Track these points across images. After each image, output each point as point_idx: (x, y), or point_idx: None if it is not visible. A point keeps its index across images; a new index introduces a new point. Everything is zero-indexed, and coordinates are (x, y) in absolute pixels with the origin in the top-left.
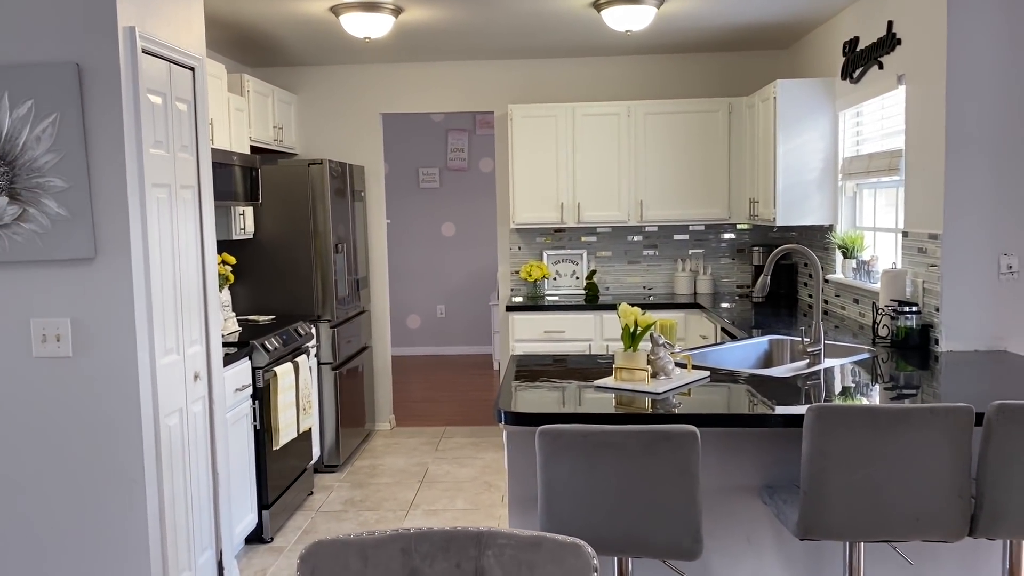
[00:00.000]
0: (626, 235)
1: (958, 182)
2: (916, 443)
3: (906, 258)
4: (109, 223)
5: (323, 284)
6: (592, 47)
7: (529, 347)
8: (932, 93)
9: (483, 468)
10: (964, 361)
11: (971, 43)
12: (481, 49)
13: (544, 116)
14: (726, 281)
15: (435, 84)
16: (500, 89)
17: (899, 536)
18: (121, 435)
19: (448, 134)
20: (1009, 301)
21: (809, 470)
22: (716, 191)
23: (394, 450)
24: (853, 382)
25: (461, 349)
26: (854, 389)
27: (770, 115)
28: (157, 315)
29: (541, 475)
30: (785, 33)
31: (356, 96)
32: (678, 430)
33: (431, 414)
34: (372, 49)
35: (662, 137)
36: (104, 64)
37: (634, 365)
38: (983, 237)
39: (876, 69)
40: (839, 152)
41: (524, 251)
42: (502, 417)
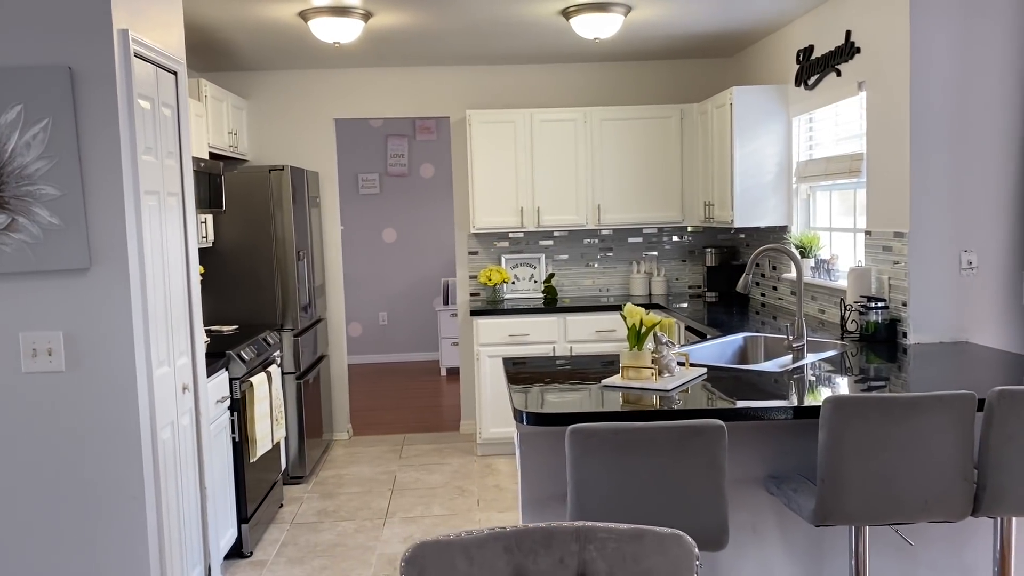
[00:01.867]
0: (582, 238)
1: (923, 183)
2: (925, 429)
3: (870, 256)
4: (104, 232)
5: (285, 293)
6: (548, 54)
7: (493, 351)
8: (895, 99)
9: (452, 474)
10: (932, 352)
11: (931, 51)
12: (439, 55)
13: (502, 122)
14: (679, 282)
15: (390, 89)
16: (456, 95)
17: (909, 518)
18: (119, 451)
19: (388, 140)
20: (970, 295)
21: (827, 459)
22: (670, 195)
23: (357, 459)
24: (842, 374)
25: (406, 356)
26: (848, 381)
27: (726, 120)
28: (152, 326)
29: (572, 473)
30: (734, 42)
31: (309, 101)
32: (707, 424)
33: (388, 422)
34: (327, 54)
35: (618, 143)
36: (98, 68)
37: (641, 363)
38: (945, 235)
39: (834, 76)
40: (793, 156)
41: (482, 256)
42: (524, 418)
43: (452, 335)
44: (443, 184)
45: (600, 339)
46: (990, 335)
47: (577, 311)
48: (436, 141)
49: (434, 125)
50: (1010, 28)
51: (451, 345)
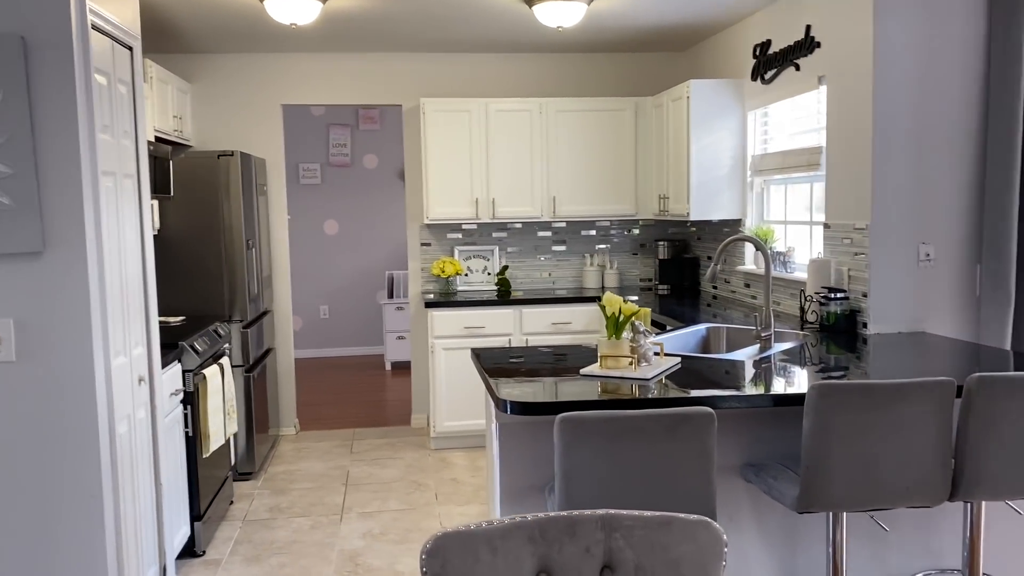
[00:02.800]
0: (536, 231)
1: (884, 177)
2: (907, 416)
3: (828, 248)
4: (60, 214)
5: (233, 283)
6: (504, 43)
7: (448, 344)
8: (856, 94)
9: (406, 468)
10: (893, 342)
11: (894, 48)
12: (393, 41)
13: (457, 111)
14: (631, 275)
15: (340, 75)
16: (409, 82)
17: (890, 504)
18: (76, 447)
19: (329, 129)
20: (927, 286)
21: (812, 445)
22: (623, 187)
23: (306, 455)
24: (811, 363)
25: (348, 350)
26: (818, 369)
27: (683, 114)
28: (109, 315)
29: (561, 462)
30: (689, 36)
31: (256, 86)
32: (697, 412)
33: (334, 417)
34: (276, 38)
35: (573, 134)
36: (54, 38)
37: (619, 352)
38: (905, 228)
39: (792, 71)
40: (748, 150)
41: (435, 247)
42: (508, 408)
43: (397, 329)
44: (387, 175)
45: (556, 331)
46: (945, 325)
47: (532, 303)
48: (380, 131)
49: (378, 114)
50: (970, 27)
51: (396, 339)
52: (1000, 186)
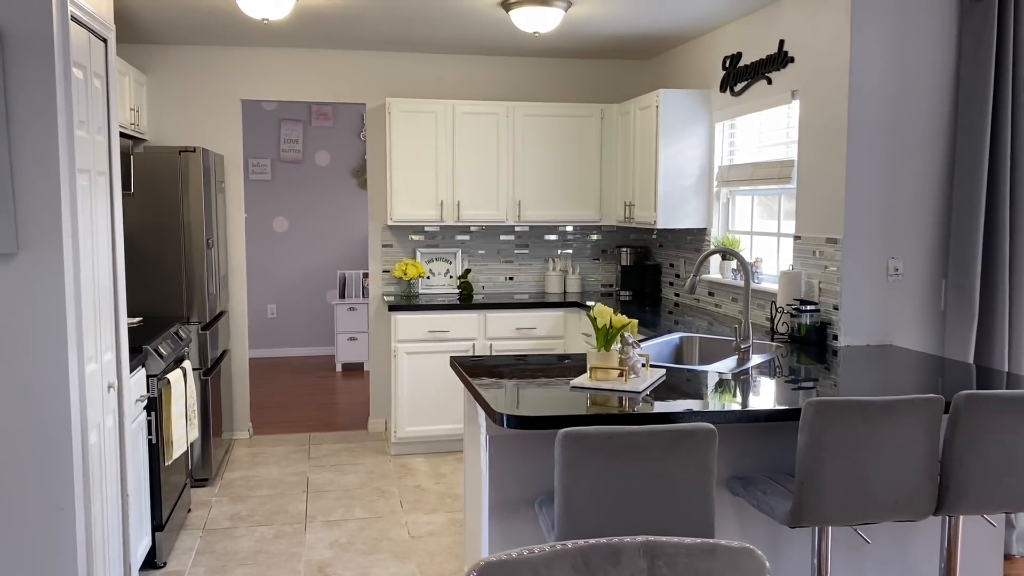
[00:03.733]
0: (499, 234)
1: (857, 191)
2: (898, 432)
3: (799, 260)
4: (35, 214)
5: (192, 283)
6: (471, 45)
7: (412, 347)
8: (830, 109)
9: (368, 475)
10: (863, 355)
11: (869, 65)
12: (359, 38)
13: (423, 112)
14: (592, 280)
15: (302, 71)
16: (373, 81)
17: (879, 518)
18: (47, 457)
19: (281, 124)
20: (895, 300)
21: (806, 461)
22: (588, 193)
23: (263, 460)
24: (791, 376)
25: (296, 351)
26: (799, 382)
27: (651, 122)
28: (84, 319)
29: (562, 478)
30: (656, 45)
31: (215, 80)
32: (699, 428)
33: (288, 421)
34: (236, 31)
35: (539, 139)
36: (33, 29)
37: (609, 364)
38: (876, 242)
39: (764, 84)
40: (714, 160)
41: (397, 249)
42: (504, 421)
43: (349, 330)
44: (340, 173)
45: (520, 336)
46: (910, 338)
47: (497, 308)
48: (333, 127)
49: (331, 111)
50: (940, 48)
51: (348, 340)
52: (966, 205)
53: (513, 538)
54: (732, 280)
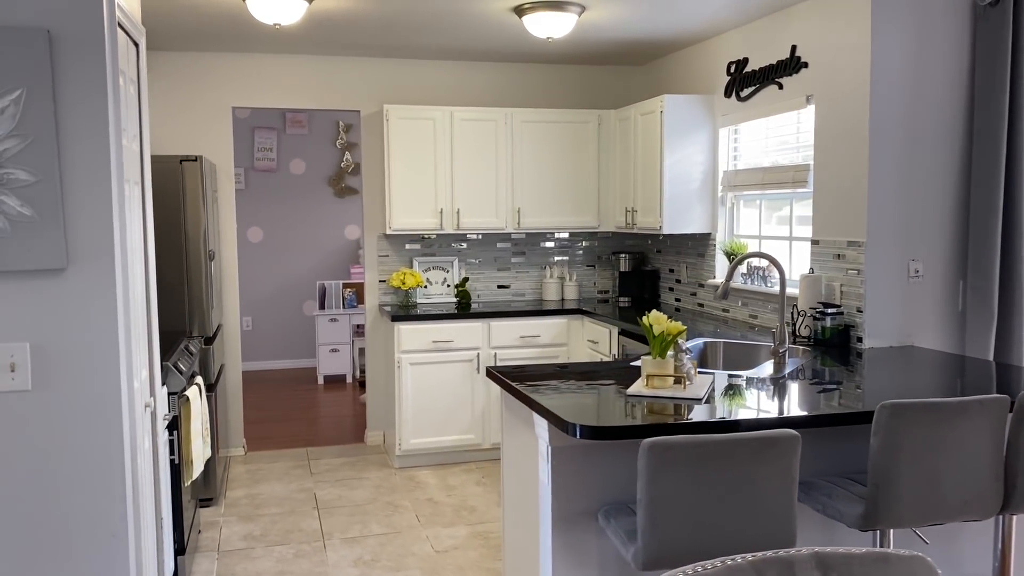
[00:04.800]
0: (495, 242)
1: (879, 195)
2: (968, 432)
3: (816, 263)
4: (86, 226)
5: (195, 297)
6: (468, 51)
7: (416, 358)
8: (850, 113)
9: (376, 489)
10: (890, 356)
11: (889, 70)
12: (353, 45)
13: (421, 118)
14: (589, 287)
15: (295, 78)
16: (367, 88)
17: (949, 518)
18: (97, 483)
19: (255, 132)
20: (916, 301)
21: (881, 464)
22: (587, 199)
23: (264, 477)
24: (834, 380)
25: (274, 364)
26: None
27: (655, 127)
28: (132, 336)
29: (647, 489)
30: (652, 51)
31: (205, 87)
32: (784, 435)
33: (280, 436)
34: (228, 36)
35: (537, 146)
36: (84, 31)
37: (666, 372)
38: (897, 244)
39: (775, 89)
40: (718, 165)
41: (393, 258)
42: (578, 432)
43: (331, 341)
44: (315, 181)
45: (524, 344)
46: (930, 338)
47: (500, 316)
48: (308, 135)
49: (306, 119)
50: (955, 51)
51: (330, 352)
52: (984, 207)
53: (577, 551)
54: (742, 284)
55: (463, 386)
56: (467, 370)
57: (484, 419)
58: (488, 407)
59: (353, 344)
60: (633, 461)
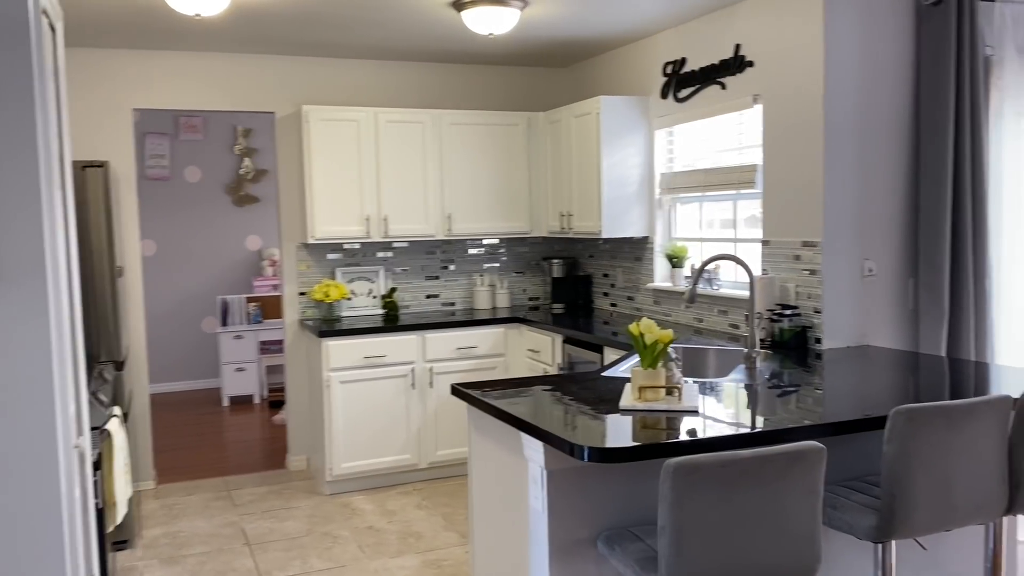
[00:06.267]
0: (423, 250)
1: (834, 194)
2: (977, 434)
3: (769, 265)
4: (14, 237)
5: (102, 317)
6: (392, 51)
7: (346, 375)
8: (802, 113)
9: (310, 519)
10: (849, 357)
11: (842, 69)
12: (268, 42)
13: (344, 120)
14: (521, 294)
15: (204, 78)
16: (283, 88)
17: (960, 523)
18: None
19: (146, 138)
20: (870, 300)
21: (895, 472)
22: (518, 204)
23: (181, 512)
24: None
25: (171, 386)
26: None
27: (591, 129)
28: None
29: (671, 515)
30: (582, 52)
31: (104, 86)
32: (809, 448)
33: (192, 465)
34: (129, 32)
35: (466, 148)
36: (8, 17)
37: (658, 383)
38: (851, 243)
39: (717, 89)
40: (655, 168)
41: (314, 270)
42: (585, 455)
43: (236, 360)
44: (212, 190)
45: (461, 356)
46: (884, 337)
47: (435, 328)
48: (204, 141)
49: (201, 123)
50: (901, 49)
51: (235, 371)
52: (933, 205)
53: None
54: (684, 288)
55: (397, 403)
56: (401, 386)
57: (420, 437)
58: (425, 424)
59: (260, 362)
60: (635, 482)
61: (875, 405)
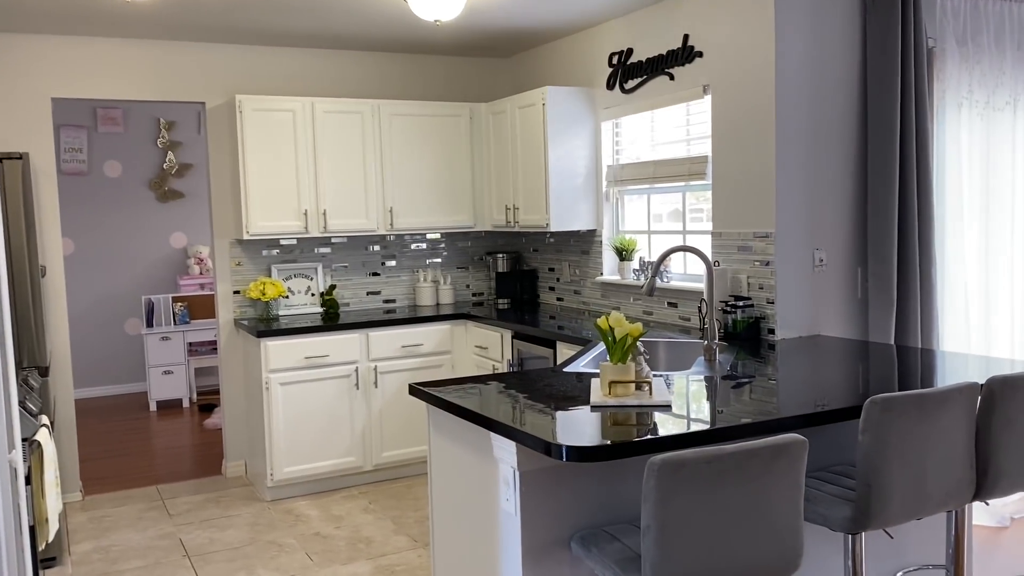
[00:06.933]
0: (364, 245)
1: (785, 185)
2: (947, 421)
3: (720, 256)
4: None
5: (24, 319)
6: (328, 39)
7: (287, 376)
8: (753, 103)
9: (252, 527)
10: (803, 347)
11: (792, 60)
12: (197, 29)
13: (280, 110)
14: (465, 290)
15: (129, 66)
16: (214, 77)
17: (931, 511)
18: None
19: (61, 130)
20: (821, 290)
21: (871, 463)
22: (462, 198)
23: (112, 525)
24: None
25: (94, 391)
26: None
27: (537, 121)
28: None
29: (656, 514)
30: (525, 42)
31: (19, 73)
32: (793, 441)
33: (121, 474)
34: (47, 16)
35: (408, 140)
36: None
37: (628, 378)
38: (802, 234)
39: (666, 80)
40: (601, 160)
41: (248, 267)
42: (564, 454)
43: (163, 363)
44: (134, 185)
45: (406, 355)
46: (835, 326)
47: (379, 325)
48: (125, 134)
49: (121, 115)
50: (850, 40)
51: (163, 374)
52: (881, 193)
53: None
54: (633, 280)
55: (341, 404)
56: (344, 386)
57: (365, 439)
58: (369, 425)
59: (189, 364)
60: (608, 480)
61: (842, 394)
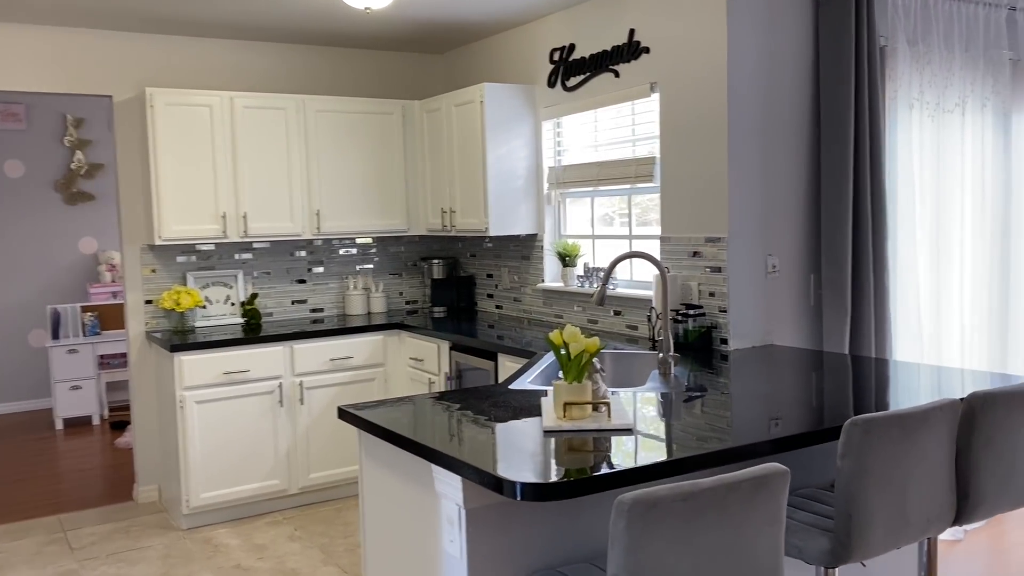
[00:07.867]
0: (288, 251)
1: (738, 188)
2: (929, 442)
3: (669, 262)
4: None
5: None
6: (249, 29)
7: (204, 394)
8: (703, 102)
9: (165, 560)
10: (758, 357)
11: (744, 59)
12: (106, 15)
13: (195, 105)
14: (398, 298)
15: (26, 55)
16: (121, 68)
17: (912, 539)
18: None
19: None
20: (774, 298)
21: (852, 490)
22: (394, 200)
23: (5, 562)
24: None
25: None
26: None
27: (475, 119)
28: None
29: (625, 560)
30: (460, 37)
31: None
32: (774, 472)
33: (20, 502)
34: None
35: (336, 139)
36: None
37: (585, 399)
38: (755, 239)
39: (611, 77)
40: (543, 161)
41: (162, 274)
42: (519, 492)
43: (70, 377)
44: (38, 186)
45: (335, 368)
46: (788, 335)
47: (304, 337)
48: (27, 131)
49: (23, 111)
50: (802, 38)
51: (70, 390)
52: (834, 197)
53: None
54: (577, 288)
55: (263, 423)
56: (267, 404)
57: (290, 460)
58: (295, 446)
59: (99, 379)
60: (564, 516)
61: (812, 413)
